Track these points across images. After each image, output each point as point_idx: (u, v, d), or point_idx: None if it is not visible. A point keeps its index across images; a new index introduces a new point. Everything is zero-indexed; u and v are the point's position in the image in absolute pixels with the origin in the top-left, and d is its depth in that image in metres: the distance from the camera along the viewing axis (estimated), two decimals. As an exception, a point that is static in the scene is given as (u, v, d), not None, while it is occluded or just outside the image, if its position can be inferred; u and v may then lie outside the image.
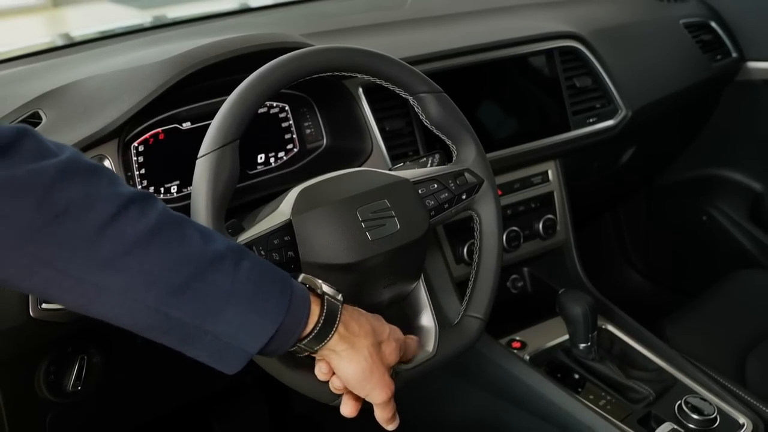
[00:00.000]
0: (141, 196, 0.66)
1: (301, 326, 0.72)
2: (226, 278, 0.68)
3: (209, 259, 0.68)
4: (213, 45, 1.01)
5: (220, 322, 0.68)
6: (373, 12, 1.59)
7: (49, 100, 1.01)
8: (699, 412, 1.14)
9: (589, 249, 1.72)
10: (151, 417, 1.23)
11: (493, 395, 1.27)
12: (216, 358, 0.70)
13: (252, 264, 0.71)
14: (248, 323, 0.69)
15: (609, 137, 1.48)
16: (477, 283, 0.97)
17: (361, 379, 0.76)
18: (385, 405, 0.79)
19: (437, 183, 0.95)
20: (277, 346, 0.72)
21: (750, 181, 1.94)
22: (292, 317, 0.71)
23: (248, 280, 0.69)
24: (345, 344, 0.75)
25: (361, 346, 0.76)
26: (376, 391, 0.77)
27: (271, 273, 0.72)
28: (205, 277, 0.67)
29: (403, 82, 0.95)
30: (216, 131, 0.81)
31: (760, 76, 1.81)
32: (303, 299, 0.73)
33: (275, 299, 0.70)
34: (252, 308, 0.69)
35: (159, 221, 0.66)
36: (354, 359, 0.76)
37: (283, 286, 0.72)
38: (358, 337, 0.76)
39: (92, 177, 0.64)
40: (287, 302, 0.71)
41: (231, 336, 0.69)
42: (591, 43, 1.47)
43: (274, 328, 0.70)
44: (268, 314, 0.70)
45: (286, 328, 0.71)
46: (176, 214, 0.69)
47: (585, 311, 1.20)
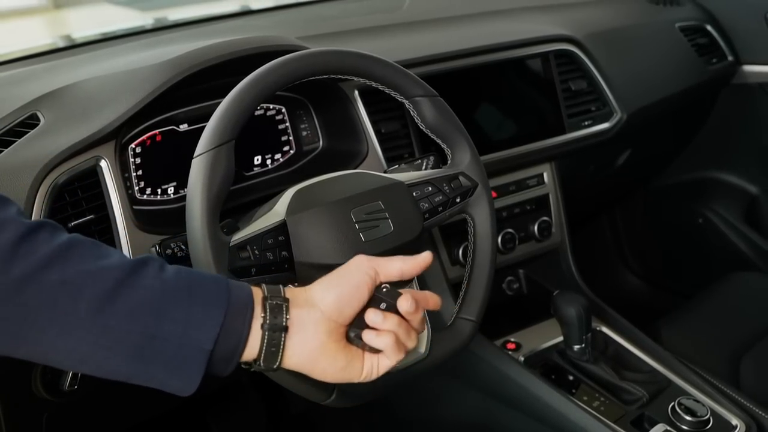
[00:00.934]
0: (50, 223, 0.67)
1: (250, 309, 0.69)
2: (155, 279, 0.67)
3: (132, 266, 0.66)
4: (210, 48, 1.02)
5: (164, 321, 0.66)
6: (370, 15, 1.60)
7: (48, 102, 1.02)
8: (692, 414, 1.15)
9: (586, 251, 1.73)
10: (148, 416, 1.24)
11: (488, 396, 1.28)
12: (172, 367, 0.66)
13: (177, 267, 0.70)
14: (194, 315, 0.66)
15: (604, 140, 1.49)
16: (470, 286, 0.97)
17: (326, 369, 0.72)
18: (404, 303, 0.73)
19: (432, 186, 0.95)
20: (235, 340, 0.68)
21: (746, 184, 1.95)
22: (236, 301, 0.69)
23: (178, 277, 0.68)
24: (302, 299, 0.72)
25: (315, 285, 0.73)
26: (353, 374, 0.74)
27: (196, 272, 0.71)
28: (132, 281, 0.66)
29: (399, 85, 0.96)
30: (212, 131, 0.82)
31: (755, 79, 1.82)
32: (241, 287, 0.71)
33: (213, 292, 0.68)
34: (193, 300, 0.67)
35: (72, 239, 0.66)
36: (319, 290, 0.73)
37: (216, 279, 0.70)
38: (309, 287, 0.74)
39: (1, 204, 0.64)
40: (225, 288, 0.69)
41: (180, 334, 0.66)
42: (586, 47, 1.48)
43: (221, 314, 0.67)
44: (211, 302, 0.67)
45: (235, 311, 0.68)
46: (88, 238, 0.69)
47: (579, 313, 1.21)
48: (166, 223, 0.99)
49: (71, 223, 0.91)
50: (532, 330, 1.36)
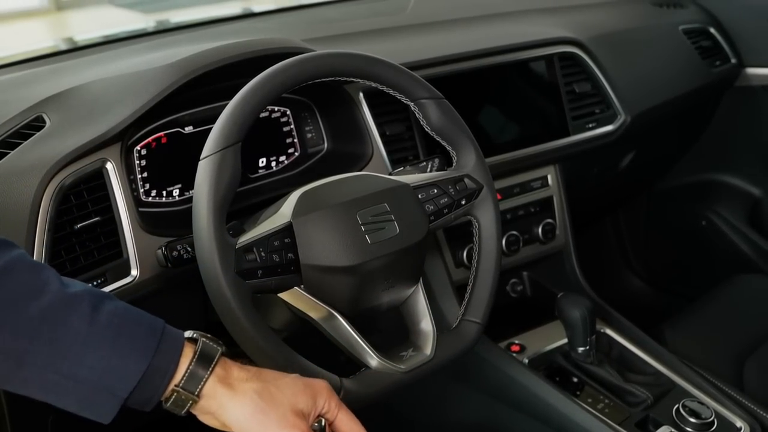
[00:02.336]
0: None
1: (172, 369, 0.69)
2: (83, 321, 0.66)
3: (65, 301, 0.66)
4: (215, 50, 1.03)
5: (80, 366, 0.65)
6: (375, 17, 1.60)
7: (53, 104, 1.02)
8: (697, 416, 1.15)
9: (590, 253, 1.73)
10: (150, 420, 1.24)
11: (492, 398, 1.28)
12: (85, 405, 0.67)
13: (114, 307, 0.69)
14: (111, 367, 0.66)
15: (608, 142, 1.49)
16: (475, 287, 0.98)
17: (256, 424, 0.70)
18: None
19: (437, 188, 0.96)
20: (150, 393, 0.68)
21: (749, 187, 1.95)
22: (161, 359, 0.68)
23: (109, 322, 0.67)
24: (224, 388, 0.70)
25: (245, 388, 0.71)
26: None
27: (136, 315, 0.70)
28: (58, 319, 0.65)
29: (404, 87, 0.96)
30: (218, 134, 0.82)
31: (759, 81, 1.82)
32: (175, 340, 0.70)
33: (141, 340, 0.68)
34: (113, 351, 0.66)
35: (10, 265, 0.65)
36: (238, 403, 0.70)
37: (152, 329, 0.69)
38: (241, 381, 0.71)
39: None
40: (155, 343, 0.68)
41: (95, 381, 0.66)
42: (590, 49, 1.48)
43: (140, 371, 0.67)
44: (131, 356, 0.67)
45: (156, 370, 0.68)
46: (33, 260, 0.68)
47: (583, 315, 1.21)
48: (172, 225, 0.99)
49: (77, 225, 0.91)
50: (537, 332, 1.36)
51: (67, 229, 0.90)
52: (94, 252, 0.92)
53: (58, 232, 0.89)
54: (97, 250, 0.93)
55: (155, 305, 0.82)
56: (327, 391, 0.76)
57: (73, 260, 0.91)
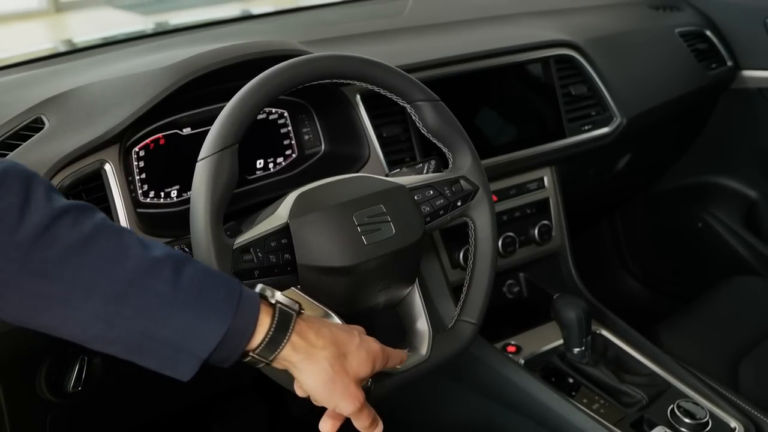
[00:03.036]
0: (77, 206, 0.67)
1: (250, 331, 0.71)
2: (166, 285, 0.68)
3: (148, 266, 0.68)
4: (213, 52, 1.03)
5: (164, 328, 0.68)
6: (372, 20, 1.61)
7: (52, 106, 1.03)
8: (691, 416, 1.15)
9: (586, 255, 1.73)
10: (150, 418, 1.25)
11: (488, 399, 1.28)
12: (166, 365, 0.70)
13: (195, 270, 0.71)
14: (193, 328, 0.69)
15: (604, 144, 1.50)
16: (471, 288, 0.98)
17: (323, 390, 0.75)
18: (357, 414, 0.78)
19: (433, 189, 0.96)
20: (228, 353, 0.71)
21: (745, 189, 1.96)
22: (239, 321, 0.71)
23: (190, 285, 0.69)
24: (300, 354, 0.74)
25: (320, 356, 0.75)
26: (342, 403, 0.76)
27: (215, 278, 0.72)
28: (143, 283, 0.67)
29: (401, 90, 0.96)
30: (216, 135, 0.82)
31: (754, 84, 1.83)
32: (251, 304, 0.72)
33: (220, 303, 0.70)
34: (196, 313, 0.69)
35: (94, 230, 0.67)
36: (312, 369, 0.75)
37: (229, 291, 0.71)
38: (315, 348, 0.75)
39: (26, 188, 0.65)
40: (234, 306, 0.70)
41: (177, 341, 0.69)
42: (586, 52, 1.49)
43: (221, 332, 0.69)
44: (212, 318, 0.69)
45: (235, 332, 0.70)
46: (115, 224, 0.70)
47: (579, 316, 1.22)
48: (169, 226, 1.00)
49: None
50: (533, 333, 1.36)
51: (65, 230, 0.91)
52: (92, 252, 0.93)
53: (57, 232, 0.89)
54: (95, 251, 0.93)
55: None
56: (381, 353, 0.81)
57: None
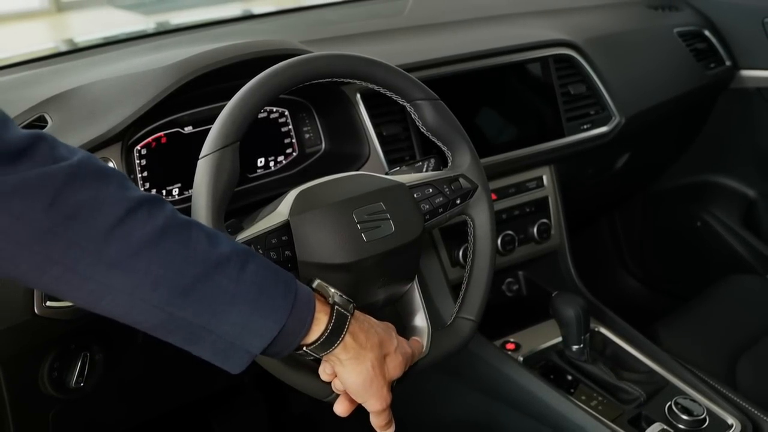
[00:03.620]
0: (150, 199, 0.69)
1: (305, 330, 0.74)
2: (231, 281, 0.70)
3: (214, 262, 0.70)
4: (215, 51, 1.04)
5: (224, 323, 0.70)
6: (372, 20, 1.62)
7: (55, 104, 1.03)
8: (689, 413, 1.16)
9: (586, 253, 1.74)
10: (152, 415, 1.25)
11: (488, 395, 1.29)
12: (220, 357, 0.72)
13: (257, 266, 0.73)
14: (251, 325, 0.71)
15: (603, 143, 1.51)
16: (470, 286, 0.99)
17: (361, 388, 0.79)
18: (379, 414, 0.82)
19: (432, 188, 0.97)
20: (280, 348, 0.74)
21: (744, 188, 1.96)
22: (295, 320, 0.73)
23: (252, 282, 0.71)
24: (350, 354, 0.77)
25: (366, 358, 0.78)
26: (372, 400, 0.80)
27: (275, 275, 0.74)
28: (210, 279, 0.69)
29: (400, 89, 0.97)
30: (217, 133, 0.83)
31: (753, 84, 1.83)
32: (307, 303, 0.75)
33: (279, 301, 0.72)
34: (255, 310, 0.71)
35: (166, 224, 0.68)
36: (356, 369, 0.78)
37: (287, 289, 0.73)
38: (364, 349, 0.78)
39: (102, 181, 0.66)
40: (290, 305, 0.73)
41: (234, 337, 0.71)
42: (585, 51, 1.49)
43: (276, 330, 0.72)
44: (270, 316, 0.72)
45: (289, 330, 0.73)
46: (184, 217, 0.72)
47: (577, 314, 1.23)
48: (171, 224, 1.00)
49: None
50: (532, 331, 1.37)
51: (68, 227, 0.91)
52: (95, 250, 0.94)
53: (60, 229, 0.90)
54: (98, 248, 0.94)
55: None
56: (412, 357, 0.86)
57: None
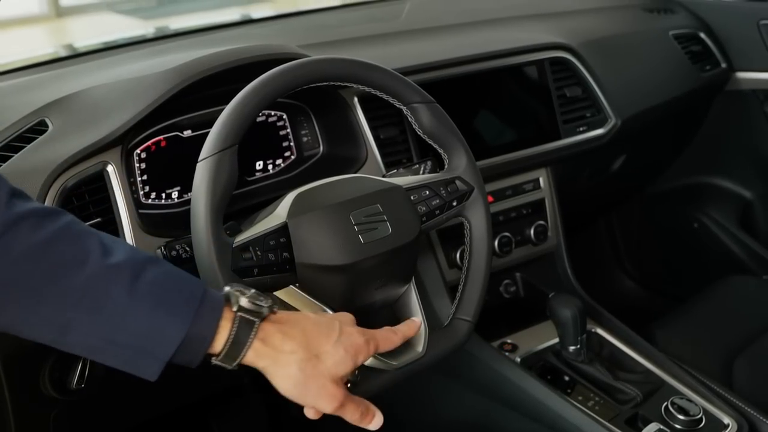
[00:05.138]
0: (38, 212, 0.67)
1: (210, 337, 0.70)
2: (123, 291, 0.68)
3: (106, 272, 0.68)
4: (213, 56, 1.05)
5: (122, 332, 0.68)
6: (370, 24, 1.63)
7: (56, 109, 1.05)
8: (685, 413, 1.17)
9: (583, 254, 1.75)
10: (152, 416, 1.26)
11: (485, 396, 1.30)
12: (130, 365, 0.70)
13: (156, 274, 0.70)
14: (151, 333, 0.68)
15: (599, 146, 1.52)
16: (466, 287, 1.00)
17: (296, 393, 0.74)
18: (340, 412, 0.76)
19: (429, 190, 0.98)
20: (190, 357, 0.70)
21: (740, 189, 1.97)
22: (199, 328, 0.70)
23: (149, 290, 0.69)
24: (266, 361, 0.73)
25: (288, 361, 0.73)
26: (319, 402, 0.75)
27: (177, 282, 0.71)
28: (100, 289, 0.67)
29: (397, 92, 0.98)
30: (215, 136, 0.84)
31: (748, 86, 1.84)
32: (213, 311, 0.71)
33: (180, 308, 0.69)
34: (153, 319, 0.68)
35: (54, 236, 0.67)
36: (281, 375, 0.73)
37: (191, 296, 0.70)
38: (283, 353, 0.73)
39: None
40: (192, 311, 0.69)
41: (136, 346, 0.69)
42: (581, 54, 1.50)
43: (179, 338, 0.69)
44: (170, 324, 0.69)
45: (195, 338, 0.70)
46: (83, 228, 0.70)
47: (574, 314, 1.24)
48: (171, 227, 1.01)
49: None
50: (529, 331, 1.38)
51: (69, 230, 0.92)
52: (95, 252, 0.95)
53: (60, 232, 0.91)
54: (98, 251, 0.95)
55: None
56: (365, 349, 0.78)
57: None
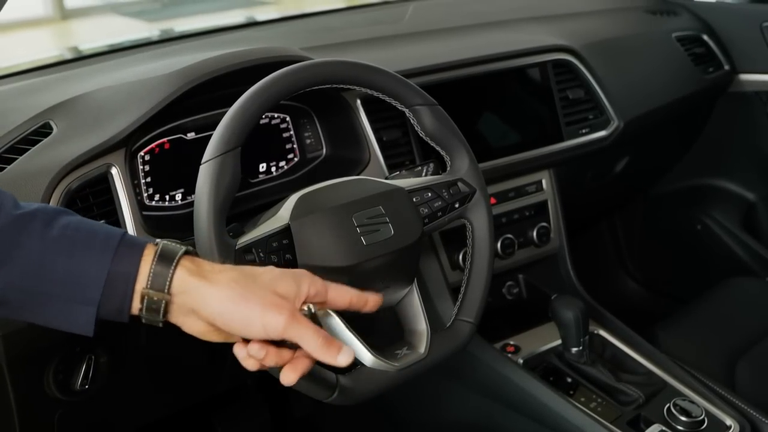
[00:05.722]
0: None
1: (134, 271, 0.68)
2: (34, 238, 0.67)
3: (15, 221, 0.67)
4: (217, 58, 1.06)
5: (43, 281, 0.67)
6: (373, 26, 1.63)
7: (60, 111, 1.05)
8: (687, 415, 1.16)
9: (586, 256, 1.75)
10: (155, 417, 1.27)
11: (488, 398, 1.30)
12: (62, 319, 0.69)
13: (68, 221, 0.70)
14: (73, 277, 0.67)
15: (602, 147, 1.52)
16: (469, 288, 1.00)
17: (233, 309, 0.67)
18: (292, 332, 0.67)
19: (431, 192, 0.98)
20: (120, 300, 0.68)
21: (743, 191, 1.97)
22: (121, 264, 0.68)
23: (61, 235, 0.68)
24: (196, 278, 0.69)
25: (220, 278, 0.69)
26: (266, 317, 0.67)
27: (91, 226, 0.70)
28: (11, 240, 0.67)
29: (399, 94, 0.99)
30: (219, 139, 0.85)
31: (751, 87, 1.84)
32: (134, 245, 0.70)
33: (97, 248, 0.68)
34: (71, 261, 0.67)
35: None
36: (213, 292, 0.68)
37: (107, 237, 0.69)
38: (213, 272, 0.69)
39: None
40: (111, 251, 0.68)
41: (61, 293, 0.68)
42: (583, 56, 1.51)
43: (101, 277, 0.67)
44: (90, 264, 0.68)
45: (118, 275, 0.68)
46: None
47: (576, 316, 1.23)
48: (174, 228, 1.01)
49: (83, 227, 0.94)
50: (531, 333, 1.38)
51: (73, 232, 0.93)
52: (99, 254, 0.95)
53: (64, 234, 0.92)
54: (102, 252, 0.95)
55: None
56: (309, 276, 0.74)
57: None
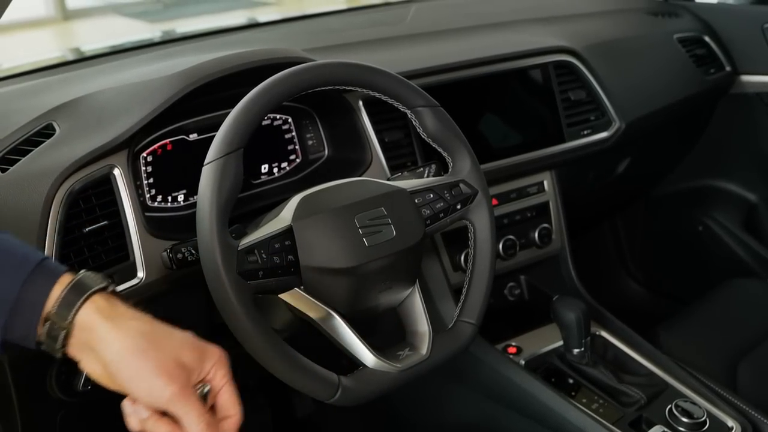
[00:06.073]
0: None
1: (42, 299, 0.65)
2: None
3: None
4: (219, 60, 1.06)
5: None
6: (375, 27, 1.63)
7: (63, 112, 1.05)
8: (689, 416, 1.17)
9: (588, 257, 1.75)
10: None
11: (490, 399, 1.30)
12: None
13: None
14: None
15: (603, 149, 1.52)
16: (470, 290, 1.00)
17: (130, 362, 0.64)
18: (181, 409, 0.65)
19: (433, 193, 0.98)
20: (25, 327, 0.65)
21: (745, 192, 1.97)
22: (32, 289, 0.66)
23: None
24: (105, 320, 0.66)
25: (129, 325, 0.66)
26: (156, 382, 0.64)
27: (10, 247, 0.68)
28: None
29: (401, 96, 0.99)
30: (221, 140, 0.85)
31: (753, 89, 1.84)
32: (52, 272, 0.67)
33: (9, 272, 0.66)
34: None
35: None
36: (118, 336, 0.65)
37: (24, 259, 0.67)
38: (125, 318, 0.66)
39: None
40: (25, 274, 0.66)
41: None
42: (585, 58, 1.51)
43: (9, 301, 0.65)
44: (1, 284, 0.65)
45: (27, 301, 0.65)
46: None
47: (578, 317, 1.24)
48: (177, 229, 1.02)
49: (86, 228, 0.94)
50: (533, 334, 1.38)
51: (76, 233, 0.93)
52: (102, 254, 0.95)
53: (67, 235, 0.92)
54: (104, 253, 0.96)
55: (161, 306, 0.84)
56: (219, 358, 0.71)
57: (82, 262, 0.94)
